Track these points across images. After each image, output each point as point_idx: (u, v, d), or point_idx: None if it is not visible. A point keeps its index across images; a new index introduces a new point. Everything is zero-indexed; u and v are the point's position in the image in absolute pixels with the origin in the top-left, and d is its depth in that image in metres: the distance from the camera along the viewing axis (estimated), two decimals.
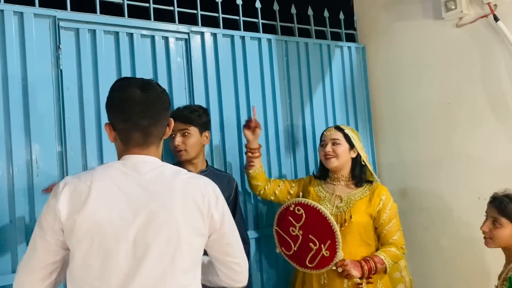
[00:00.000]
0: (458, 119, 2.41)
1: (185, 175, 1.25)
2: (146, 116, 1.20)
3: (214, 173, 2.08)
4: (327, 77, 2.74)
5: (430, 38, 2.53)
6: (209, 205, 1.25)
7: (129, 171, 1.19)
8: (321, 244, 1.96)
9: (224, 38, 2.37)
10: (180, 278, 1.19)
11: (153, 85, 1.26)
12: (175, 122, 1.84)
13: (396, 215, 2.08)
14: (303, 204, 2.03)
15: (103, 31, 2.01)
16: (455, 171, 2.43)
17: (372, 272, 1.93)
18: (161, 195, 1.18)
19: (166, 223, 1.16)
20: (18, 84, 1.80)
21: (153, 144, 1.24)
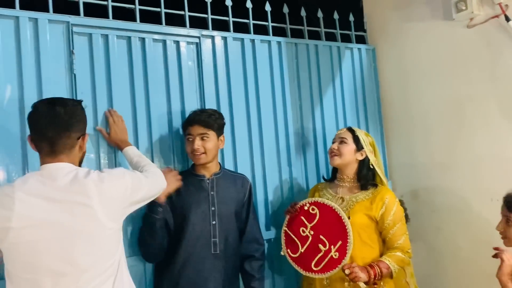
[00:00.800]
0: (469, 119, 2.40)
1: (94, 173, 1.41)
2: (50, 128, 1.38)
3: (228, 174, 2.10)
4: (337, 79, 2.74)
5: (440, 39, 2.52)
6: (122, 191, 1.44)
7: (45, 179, 1.35)
8: (331, 245, 1.95)
9: (235, 41, 2.39)
10: (105, 262, 1.37)
11: (64, 101, 1.45)
12: (193, 126, 1.96)
13: (401, 219, 2.05)
14: (319, 203, 2.04)
15: (116, 36, 2.04)
16: (466, 172, 2.42)
17: (378, 277, 1.91)
18: (77, 194, 1.34)
19: (86, 216, 1.34)
20: (33, 89, 1.83)
21: (61, 154, 1.40)
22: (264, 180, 2.41)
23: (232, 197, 2.04)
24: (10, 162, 1.77)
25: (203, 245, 1.93)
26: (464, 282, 2.46)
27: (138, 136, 2.04)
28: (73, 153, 1.43)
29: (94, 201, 1.35)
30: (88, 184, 1.36)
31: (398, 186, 2.81)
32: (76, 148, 1.44)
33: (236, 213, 2.05)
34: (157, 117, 2.11)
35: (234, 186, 2.08)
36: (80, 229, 1.34)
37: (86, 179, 1.37)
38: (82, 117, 1.48)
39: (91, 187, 1.36)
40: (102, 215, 1.36)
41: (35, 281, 1.32)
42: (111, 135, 1.92)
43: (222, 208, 1.99)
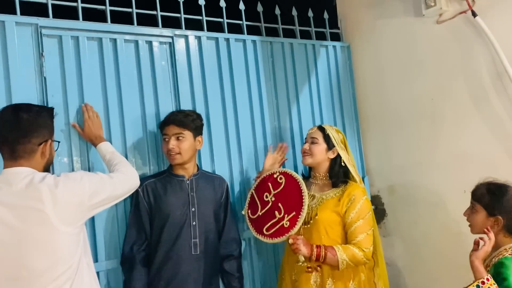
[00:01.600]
0: (443, 114, 2.44)
1: (50, 177, 1.42)
2: (11, 133, 1.41)
3: (205, 175, 2.10)
4: (313, 77, 2.76)
5: (412, 35, 2.56)
6: (78, 194, 1.44)
7: (2, 184, 1.38)
8: (285, 214, 1.98)
9: (209, 40, 2.38)
10: (59, 267, 1.37)
11: (29, 107, 1.48)
12: (169, 126, 1.96)
13: (365, 217, 2.02)
14: (287, 174, 2.08)
15: (86, 37, 2.01)
16: (440, 166, 2.46)
17: (321, 259, 1.91)
18: (31, 199, 1.35)
19: (39, 221, 1.34)
20: (1, 93, 1.79)
21: (21, 158, 1.42)
22: (242, 180, 2.41)
23: (211, 197, 2.05)
24: None
25: (184, 246, 1.93)
26: (440, 273, 2.50)
27: (112, 137, 2.02)
28: (34, 158, 1.44)
29: (47, 206, 1.35)
30: (42, 189, 1.36)
31: (375, 182, 2.84)
32: (37, 154, 1.45)
33: (214, 213, 2.05)
34: (131, 119, 2.09)
35: (212, 187, 2.08)
36: (33, 234, 1.34)
37: (40, 184, 1.37)
38: (45, 124, 1.48)
39: (45, 192, 1.36)
40: (55, 219, 1.36)
41: None
42: (85, 130, 1.90)
43: (201, 208, 1.99)
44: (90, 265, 1.52)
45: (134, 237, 1.92)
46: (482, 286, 1.59)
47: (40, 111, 1.48)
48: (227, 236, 2.10)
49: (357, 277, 2.04)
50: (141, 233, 1.93)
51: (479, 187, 1.81)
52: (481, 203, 1.77)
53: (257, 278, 2.41)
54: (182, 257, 1.92)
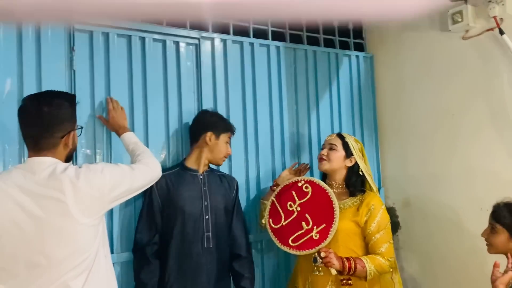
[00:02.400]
0: (461, 130, 2.43)
1: (72, 169, 1.44)
2: (34, 126, 1.44)
3: (215, 173, 2.15)
4: (334, 86, 2.77)
5: (436, 50, 2.56)
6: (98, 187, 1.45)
7: (26, 172, 1.41)
8: (314, 226, 1.95)
9: (234, 44, 2.42)
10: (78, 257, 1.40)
11: (50, 100, 1.46)
12: (230, 133, 2.12)
13: (386, 227, 2.03)
14: (314, 183, 2.05)
15: (116, 34, 2.07)
16: (457, 181, 2.45)
17: (351, 272, 1.90)
18: (52, 189, 1.37)
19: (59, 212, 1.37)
20: (32, 84, 1.86)
21: (45, 150, 1.44)
22: (257, 183, 2.44)
23: (222, 193, 2.08)
24: (8, 155, 1.80)
25: (197, 239, 1.96)
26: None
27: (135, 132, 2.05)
28: (57, 150, 1.47)
29: (68, 197, 1.37)
30: (64, 180, 1.39)
31: (391, 194, 2.84)
32: (60, 146, 1.47)
33: (225, 208, 2.08)
34: (154, 116, 2.14)
35: (222, 183, 2.12)
36: (53, 224, 1.37)
37: (62, 175, 1.40)
38: (67, 115, 1.48)
39: (66, 183, 1.38)
40: (75, 211, 1.38)
41: (11, 271, 1.36)
42: (110, 120, 1.95)
43: (214, 203, 2.03)
44: (107, 256, 1.54)
45: (146, 228, 1.96)
46: None
47: (61, 103, 1.47)
48: (235, 232, 2.12)
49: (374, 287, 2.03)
50: (152, 225, 1.96)
51: (500, 207, 1.77)
52: (503, 224, 1.73)
53: (267, 283, 2.42)
54: (195, 250, 1.95)
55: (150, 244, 1.95)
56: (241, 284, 2.08)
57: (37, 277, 1.36)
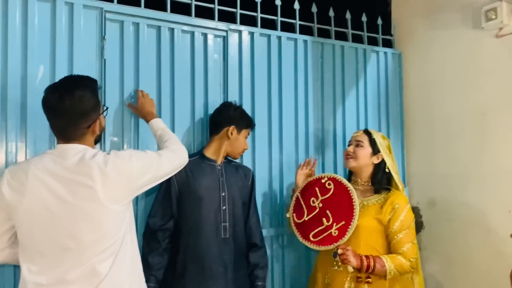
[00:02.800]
0: (491, 131, 2.38)
1: (100, 155, 1.46)
2: (59, 119, 1.45)
3: (232, 163, 2.16)
4: (361, 82, 2.74)
5: (467, 47, 2.50)
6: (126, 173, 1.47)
7: (57, 158, 1.43)
8: (334, 222, 1.96)
9: (261, 37, 2.42)
10: (105, 242, 1.42)
11: (72, 91, 1.44)
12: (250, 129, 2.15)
13: (410, 226, 2.01)
14: (336, 180, 2.05)
15: (146, 24, 2.09)
16: (485, 183, 2.39)
17: (370, 270, 1.89)
18: (81, 175, 1.40)
19: (88, 197, 1.39)
20: (64, 71, 1.89)
21: (73, 139, 1.46)
22: (281, 177, 2.44)
23: (239, 184, 2.09)
24: (40, 141, 1.85)
25: (214, 229, 1.98)
26: None
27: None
28: (85, 138, 1.49)
29: (96, 183, 1.39)
30: (93, 166, 1.41)
31: (415, 193, 2.79)
32: (87, 135, 1.49)
33: (242, 199, 2.09)
34: (181, 106, 2.17)
35: (239, 174, 2.13)
36: (82, 209, 1.39)
37: (91, 161, 1.42)
38: (90, 105, 1.47)
39: (95, 169, 1.40)
40: (103, 196, 1.40)
41: (42, 253, 1.40)
42: (139, 107, 1.98)
43: (231, 194, 2.04)
44: (134, 241, 1.57)
45: (160, 212, 1.97)
46: None
47: (83, 94, 1.45)
48: (250, 222, 2.13)
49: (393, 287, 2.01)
50: (167, 210, 1.97)
51: None
52: None
53: (287, 278, 2.42)
54: (212, 239, 1.96)
55: (162, 229, 1.96)
56: (255, 272, 2.08)
57: (67, 260, 1.39)
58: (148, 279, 1.85)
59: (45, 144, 1.85)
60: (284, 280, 2.41)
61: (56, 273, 1.39)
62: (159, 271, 1.92)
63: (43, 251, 1.40)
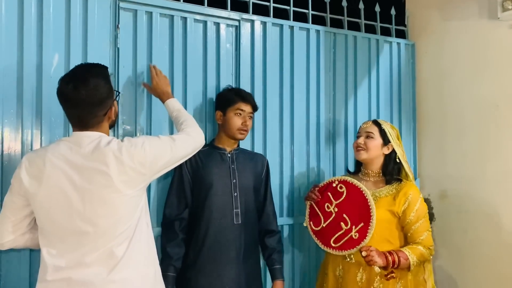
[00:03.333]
0: (506, 123, 2.35)
1: (115, 142, 1.49)
2: (76, 109, 1.48)
3: (245, 151, 2.17)
4: (373, 72, 2.73)
5: (483, 38, 2.47)
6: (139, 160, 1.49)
7: (72, 145, 1.47)
8: (353, 225, 1.97)
9: (274, 27, 2.41)
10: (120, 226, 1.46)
11: (86, 81, 1.46)
12: (247, 104, 2.06)
13: (425, 215, 2.03)
14: (347, 182, 2.05)
15: (159, 13, 2.10)
16: (498, 176, 2.37)
17: (395, 265, 1.90)
18: (97, 162, 1.44)
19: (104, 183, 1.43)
20: (78, 59, 1.91)
21: (89, 127, 1.50)
22: (292, 167, 2.44)
23: (251, 171, 2.11)
24: (55, 127, 1.88)
25: (226, 215, 2.00)
26: (485, 284, 2.42)
27: None
28: (101, 125, 1.52)
29: (111, 169, 1.43)
30: (107, 153, 1.44)
31: (426, 185, 2.78)
32: (104, 122, 1.53)
33: (254, 186, 2.11)
34: (193, 96, 2.18)
35: (252, 161, 2.14)
36: (98, 194, 1.43)
37: (106, 148, 1.45)
38: (105, 94, 1.49)
39: (110, 156, 1.44)
40: (118, 182, 1.44)
41: (60, 237, 1.45)
42: (153, 86, 1.98)
43: (242, 181, 2.06)
44: (149, 224, 1.60)
45: (175, 203, 2.01)
46: None
47: (98, 83, 1.47)
48: (267, 209, 2.15)
49: (404, 277, 2.01)
50: (182, 200, 2.01)
51: None
52: None
53: (297, 269, 2.44)
54: (224, 225, 1.99)
55: (178, 219, 1.99)
56: (273, 256, 2.12)
57: (84, 243, 1.44)
58: (167, 269, 1.91)
59: (60, 131, 1.88)
60: (293, 269, 2.42)
61: (74, 256, 1.43)
62: (178, 261, 1.96)
63: (62, 236, 1.45)
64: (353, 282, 2.02)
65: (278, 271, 2.11)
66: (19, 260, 1.81)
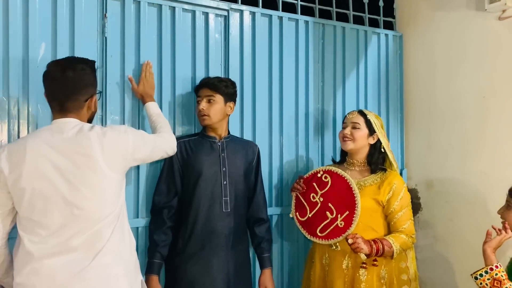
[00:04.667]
0: (492, 113, 2.38)
1: (98, 127, 1.54)
2: (60, 91, 1.52)
3: (236, 139, 2.17)
4: (361, 63, 2.74)
5: (470, 30, 2.49)
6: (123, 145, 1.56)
7: (54, 132, 1.50)
8: (338, 214, 2.00)
9: (262, 17, 2.41)
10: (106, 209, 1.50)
11: (74, 65, 1.54)
12: (203, 88, 2.04)
13: (408, 205, 2.08)
14: (332, 172, 2.07)
15: (148, 3, 2.08)
16: (483, 165, 2.41)
17: (380, 253, 1.94)
18: (81, 145, 1.48)
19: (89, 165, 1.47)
20: (65, 49, 1.90)
21: (70, 112, 1.54)
22: (281, 157, 2.46)
23: (241, 159, 2.12)
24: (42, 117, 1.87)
25: (215, 203, 2.02)
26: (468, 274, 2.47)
27: (162, 101, 2.11)
28: (81, 112, 1.57)
29: (96, 152, 1.48)
30: (92, 137, 1.49)
31: (413, 175, 2.82)
32: (84, 109, 1.58)
33: (244, 175, 2.12)
34: (182, 86, 2.17)
35: (243, 149, 2.15)
36: (84, 177, 1.47)
37: (90, 132, 1.50)
38: (90, 80, 1.58)
39: (94, 139, 1.49)
40: (103, 164, 1.49)
41: (46, 223, 1.45)
42: (139, 87, 2.01)
43: (232, 169, 2.07)
44: (126, 214, 1.65)
45: (164, 190, 2.02)
46: (490, 272, 1.71)
47: (84, 69, 1.56)
48: (257, 197, 2.17)
49: (389, 264, 2.06)
50: (171, 188, 2.02)
51: None
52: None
53: (286, 257, 2.46)
54: (213, 213, 2.01)
55: (167, 206, 2.01)
56: (262, 245, 2.14)
57: (70, 227, 1.46)
58: (153, 255, 1.93)
59: (47, 121, 1.86)
60: (282, 258, 2.45)
61: (60, 241, 1.45)
62: (164, 248, 1.97)
63: (46, 221, 1.46)
64: (339, 269, 2.05)
65: (267, 260, 2.15)
66: None
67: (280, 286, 2.44)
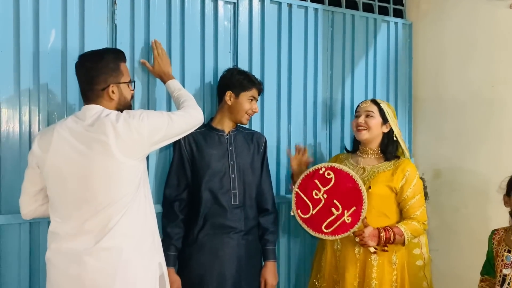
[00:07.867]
0: (502, 104, 2.38)
1: (113, 114, 1.58)
2: (81, 81, 1.64)
3: (243, 131, 2.17)
4: (371, 51, 2.73)
5: (480, 18, 2.47)
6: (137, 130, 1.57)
7: (78, 118, 1.59)
8: (345, 210, 1.99)
9: (272, 4, 2.40)
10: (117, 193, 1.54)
11: (91, 55, 1.64)
12: (258, 91, 2.09)
13: (420, 192, 2.09)
14: (335, 169, 2.06)
15: None
16: (492, 155, 2.41)
17: (390, 241, 1.96)
18: (96, 131, 1.54)
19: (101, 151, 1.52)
20: (75, 35, 1.90)
21: (92, 101, 1.61)
22: (289, 146, 2.45)
23: (249, 151, 2.12)
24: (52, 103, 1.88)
25: (224, 196, 2.02)
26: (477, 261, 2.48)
27: None
28: (101, 101, 1.62)
29: (110, 138, 1.52)
30: (106, 123, 1.53)
31: (421, 164, 2.81)
32: (103, 98, 1.62)
33: (252, 167, 2.12)
34: (191, 72, 2.17)
35: (250, 141, 2.15)
36: (98, 162, 1.53)
37: (105, 119, 1.55)
38: (106, 69, 1.61)
39: (108, 126, 1.53)
40: (116, 151, 1.52)
41: (66, 205, 1.56)
42: (155, 67, 2.00)
43: (240, 162, 2.07)
44: (148, 197, 1.66)
45: (175, 183, 2.03)
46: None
47: (101, 57, 1.61)
48: (262, 187, 2.16)
49: (400, 250, 2.08)
50: (181, 181, 2.04)
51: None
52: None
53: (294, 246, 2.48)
54: (223, 206, 2.02)
55: (178, 199, 2.02)
56: (265, 237, 2.13)
57: (85, 211, 1.53)
58: (168, 248, 1.95)
59: (57, 108, 1.88)
60: (289, 246, 2.46)
61: (76, 223, 1.53)
62: (178, 240, 2.00)
63: (65, 204, 1.56)
64: (351, 255, 2.07)
65: (271, 252, 2.13)
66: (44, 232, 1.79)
67: (287, 277, 2.45)
